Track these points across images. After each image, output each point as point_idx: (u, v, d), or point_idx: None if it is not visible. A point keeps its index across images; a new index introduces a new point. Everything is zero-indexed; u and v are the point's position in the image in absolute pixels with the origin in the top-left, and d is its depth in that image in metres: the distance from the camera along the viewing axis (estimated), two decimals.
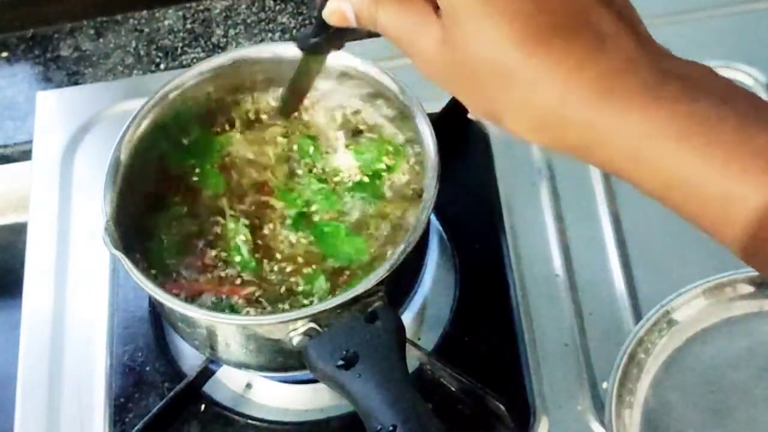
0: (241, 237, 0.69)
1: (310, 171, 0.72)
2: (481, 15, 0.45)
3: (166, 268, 0.68)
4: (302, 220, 0.70)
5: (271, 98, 0.74)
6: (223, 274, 0.68)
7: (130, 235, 0.67)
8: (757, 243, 0.43)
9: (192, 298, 0.67)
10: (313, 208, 0.71)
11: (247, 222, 0.70)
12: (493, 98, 0.47)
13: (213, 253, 0.69)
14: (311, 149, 0.72)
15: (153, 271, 0.67)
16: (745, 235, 0.43)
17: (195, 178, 0.72)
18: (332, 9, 0.54)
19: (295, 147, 0.73)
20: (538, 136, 0.47)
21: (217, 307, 0.66)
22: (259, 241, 0.69)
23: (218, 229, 0.70)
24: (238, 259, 0.69)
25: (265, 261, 0.69)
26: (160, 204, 0.71)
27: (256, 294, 0.67)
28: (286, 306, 0.66)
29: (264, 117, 0.74)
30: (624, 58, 0.45)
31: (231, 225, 0.70)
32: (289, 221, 0.70)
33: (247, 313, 0.66)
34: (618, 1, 0.47)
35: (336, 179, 0.71)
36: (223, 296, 0.67)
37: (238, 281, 0.68)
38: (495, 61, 0.46)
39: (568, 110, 0.45)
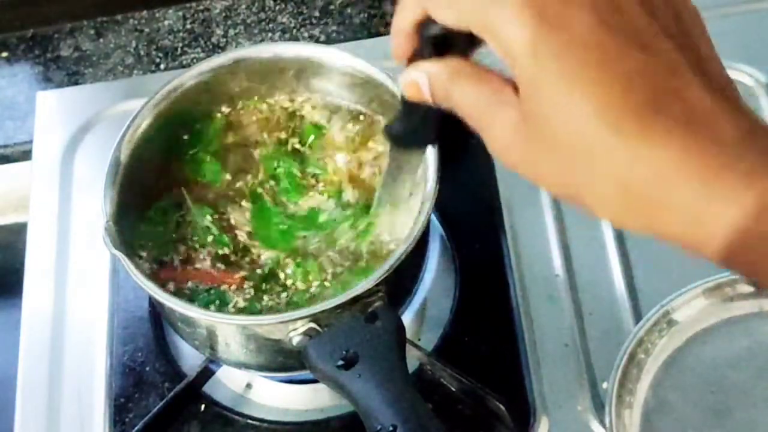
0: (207, 218, 0.69)
1: (299, 156, 0.72)
2: (566, 88, 0.42)
3: (160, 262, 0.69)
4: (257, 194, 0.71)
5: (275, 97, 0.74)
6: (201, 257, 0.69)
7: (130, 234, 0.67)
8: None
9: (182, 287, 0.67)
10: (271, 185, 0.71)
11: (210, 207, 0.70)
12: (577, 179, 0.44)
13: (192, 240, 0.69)
14: (311, 138, 0.72)
15: (143, 257, 0.68)
16: None
17: (192, 173, 0.72)
18: (407, 80, 0.51)
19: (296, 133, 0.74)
20: (628, 219, 0.44)
21: (207, 296, 0.67)
22: (231, 220, 0.70)
23: (190, 217, 0.70)
24: (210, 239, 0.69)
25: (238, 239, 0.69)
26: (155, 200, 0.71)
27: (245, 279, 0.68)
28: (275, 291, 0.67)
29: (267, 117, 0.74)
30: (724, 138, 0.42)
31: (194, 210, 0.70)
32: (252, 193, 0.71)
33: (236, 303, 0.66)
34: (712, 70, 0.44)
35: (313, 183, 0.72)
36: (215, 285, 0.67)
37: (224, 267, 0.68)
38: (583, 139, 0.43)
39: (665, 193, 0.42)
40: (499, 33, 0.44)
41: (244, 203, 0.71)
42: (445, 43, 0.49)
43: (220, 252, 0.69)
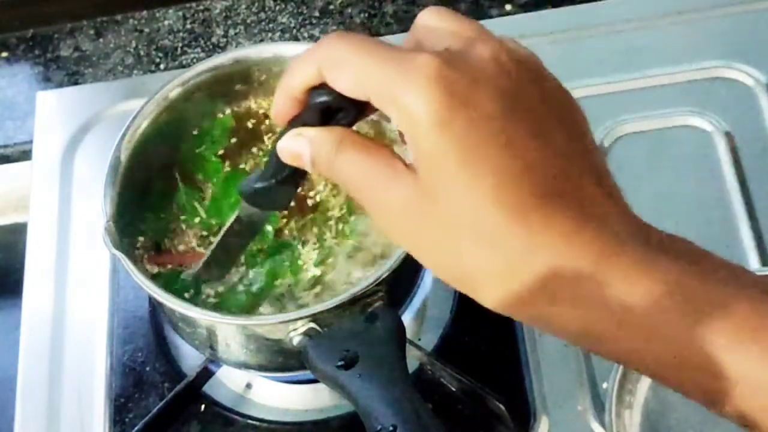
0: (194, 202, 0.70)
1: None
2: (469, 172, 0.42)
3: (155, 247, 0.69)
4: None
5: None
6: (187, 238, 0.69)
7: (129, 224, 0.68)
8: (755, 414, 0.43)
9: (178, 269, 0.68)
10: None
11: (200, 190, 0.71)
12: (469, 264, 0.43)
13: (180, 221, 0.70)
14: None
15: (140, 242, 0.68)
16: (743, 407, 0.43)
17: (193, 169, 0.72)
18: (286, 146, 0.48)
19: None
20: (517, 308, 0.44)
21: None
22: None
23: (180, 199, 0.70)
24: (197, 220, 0.69)
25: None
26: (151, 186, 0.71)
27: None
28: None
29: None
30: (616, 231, 0.43)
31: (184, 191, 0.70)
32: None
33: (208, 296, 0.66)
34: (599, 163, 0.45)
35: None
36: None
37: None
38: (479, 225, 0.42)
39: (557, 281, 0.42)
40: (403, 105, 0.42)
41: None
42: (331, 110, 0.47)
43: (205, 234, 0.69)
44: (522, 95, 0.43)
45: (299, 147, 0.47)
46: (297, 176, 0.51)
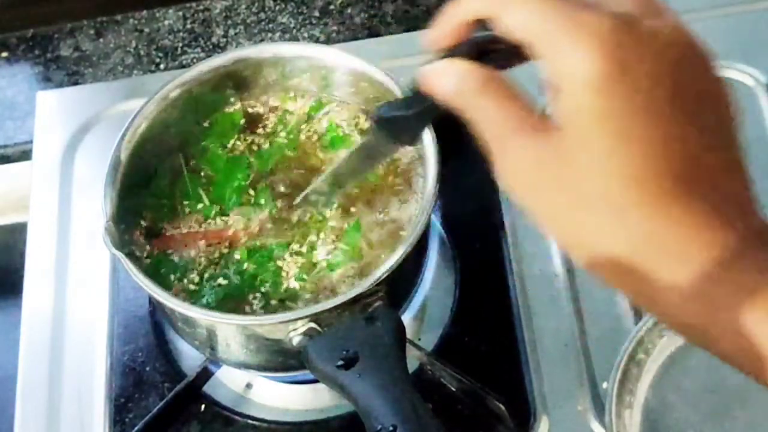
0: (198, 189, 0.70)
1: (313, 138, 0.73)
2: (619, 141, 0.41)
3: (149, 231, 0.69)
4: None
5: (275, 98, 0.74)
6: (189, 223, 0.69)
7: (129, 219, 0.68)
8: None
9: (173, 254, 0.68)
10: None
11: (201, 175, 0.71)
12: (588, 234, 0.43)
13: (182, 205, 0.70)
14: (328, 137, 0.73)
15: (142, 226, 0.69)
16: None
17: (200, 161, 0.72)
18: (434, 72, 0.47)
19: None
20: (625, 286, 0.43)
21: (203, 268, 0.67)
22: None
23: (183, 185, 0.71)
24: (200, 206, 0.70)
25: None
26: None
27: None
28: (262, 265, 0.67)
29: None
30: (741, 232, 0.42)
31: (189, 178, 0.71)
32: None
33: (228, 284, 0.66)
34: (741, 161, 0.44)
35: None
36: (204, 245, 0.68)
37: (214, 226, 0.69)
38: (609, 195, 0.42)
39: (673, 272, 0.42)
40: (566, 58, 0.42)
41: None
42: (484, 50, 0.46)
43: (207, 219, 0.69)
44: (681, 77, 0.43)
45: (447, 75, 0.47)
46: (431, 111, 0.50)
